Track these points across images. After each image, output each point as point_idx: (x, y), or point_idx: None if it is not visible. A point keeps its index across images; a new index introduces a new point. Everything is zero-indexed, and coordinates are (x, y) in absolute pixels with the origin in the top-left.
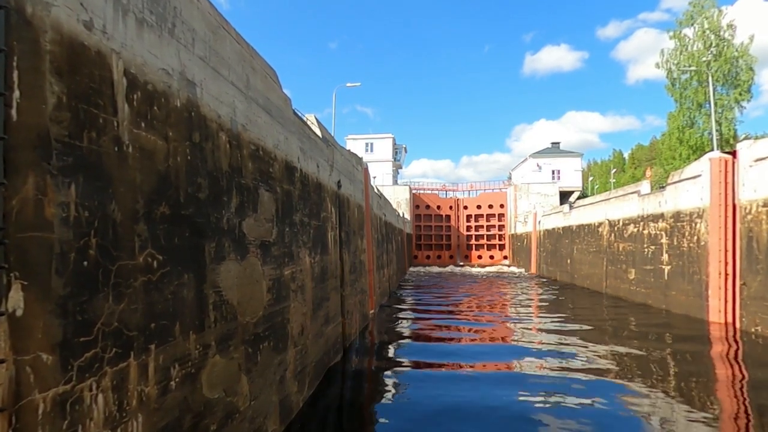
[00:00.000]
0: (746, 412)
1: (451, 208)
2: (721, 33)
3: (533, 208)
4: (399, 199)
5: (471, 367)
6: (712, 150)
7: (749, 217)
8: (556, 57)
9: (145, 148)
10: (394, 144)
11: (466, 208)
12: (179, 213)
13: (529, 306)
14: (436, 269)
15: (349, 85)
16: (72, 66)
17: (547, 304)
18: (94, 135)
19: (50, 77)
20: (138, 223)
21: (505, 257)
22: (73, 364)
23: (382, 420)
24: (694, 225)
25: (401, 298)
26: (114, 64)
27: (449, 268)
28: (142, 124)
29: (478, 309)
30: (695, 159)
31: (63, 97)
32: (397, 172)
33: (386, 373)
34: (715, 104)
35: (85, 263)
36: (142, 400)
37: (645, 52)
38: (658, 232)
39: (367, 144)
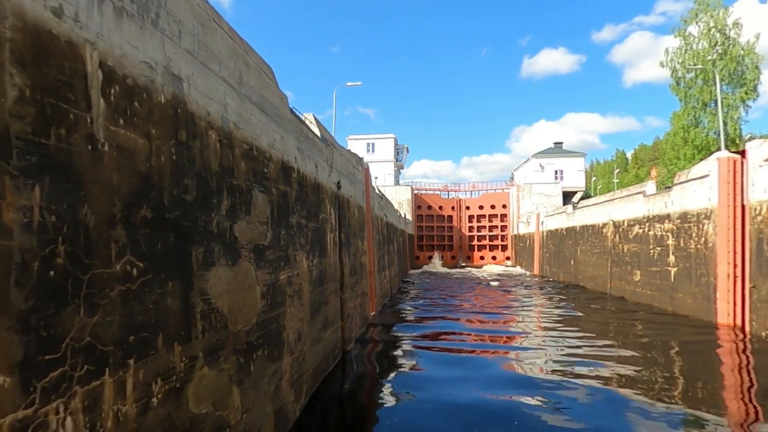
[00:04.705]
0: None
1: (453, 208)
2: (727, 31)
3: (536, 208)
4: (401, 200)
5: (474, 378)
6: (719, 149)
7: (759, 218)
8: (553, 60)
9: (123, 146)
10: (396, 144)
11: (468, 208)
12: (163, 216)
13: (534, 312)
14: (439, 270)
15: (349, 84)
16: (37, 56)
17: (552, 309)
18: (63, 132)
19: (11, 68)
20: (115, 228)
21: (508, 258)
22: (36, 385)
23: (381, 427)
24: (701, 226)
25: (403, 299)
26: (88, 55)
27: (451, 269)
28: (121, 121)
29: (481, 315)
30: (700, 159)
31: (26, 90)
32: (398, 172)
33: (386, 378)
34: (721, 103)
35: (52, 273)
36: (119, 420)
37: (640, 56)
38: (664, 233)
39: (368, 144)
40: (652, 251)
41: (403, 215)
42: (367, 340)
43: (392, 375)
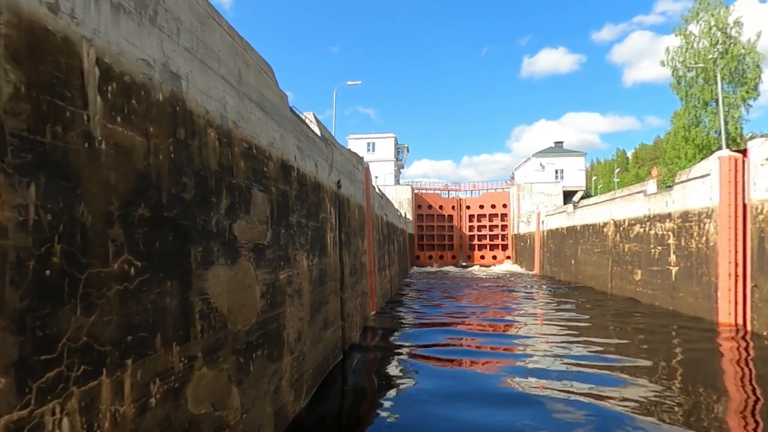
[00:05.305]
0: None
1: (453, 208)
2: (728, 30)
3: (536, 207)
4: (401, 199)
5: (472, 391)
6: (720, 148)
7: (761, 217)
8: (553, 59)
9: (121, 144)
10: (396, 144)
11: (468, 208)
12: (161, 215)
13: (534, 314)
14: (440, 269)
15: (349, 83)
16: (33, 52)
17: (553, 312)
18: (60, 130)
19: (6, 64)
20: (112, 227)
21: (508, 257)
22: (32, 386)
23: (381, 428)
24: (702, 225)
25: (403, 299)
26: (84, 52)
27: (451, 269)
28: (118, 119)
29: (481, 319)
30: (701, 158)
31: (21, 86)
32: (399, 171)
33: (386, 378)
34: (722, 102)
35: (48, 272)
36: (116, 421)
37: (640, 55)
38: (665, 233)
39: (368, 144)
40: (653, 250)
41: (403, 215)
42: (368, 340)
43: (392, 376)
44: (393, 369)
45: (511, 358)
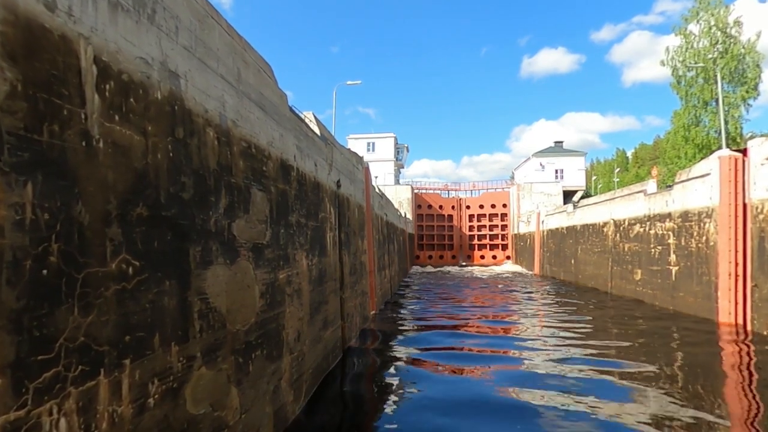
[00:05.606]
0: None
1: (453, 207)
2: (728, 30)
3: (536, 207)
4: (401, 199)
5: (476, 377)
6: (720, 148)
7: (761, 216)
8: (553, 59)
9: (119, 143)
10: (396, 143)
11: (468, 207)
12: (159, 214)
13: (534, 316)
14: (439, 269)
15: (349, 83)
16: (29, 50)
17: (553, 313)
18: (57, 128)
19: (2, 62)
20: (110, 226)
21: (508, 257)
22: (29, 386)
23: (381, 428)
24: (702, 225)
25: (403, 299)
26: (82, 50)
27: (451, 269)
28: (116, 118)
29: (481, 320)
30: (701, 158)
31: (18, 84)
32: (399, 171)
33: (386, 380)
34: (722, 102)
35: (45, 272)
36: (114, 421)
37: (639, 55)
38: (665, 232)
39: (368, 144)
40: (653, 250)
41: (403, 214)
42: (367, 341)
43: (391, 378)
44: (392, 370)
45: (511, 362)
